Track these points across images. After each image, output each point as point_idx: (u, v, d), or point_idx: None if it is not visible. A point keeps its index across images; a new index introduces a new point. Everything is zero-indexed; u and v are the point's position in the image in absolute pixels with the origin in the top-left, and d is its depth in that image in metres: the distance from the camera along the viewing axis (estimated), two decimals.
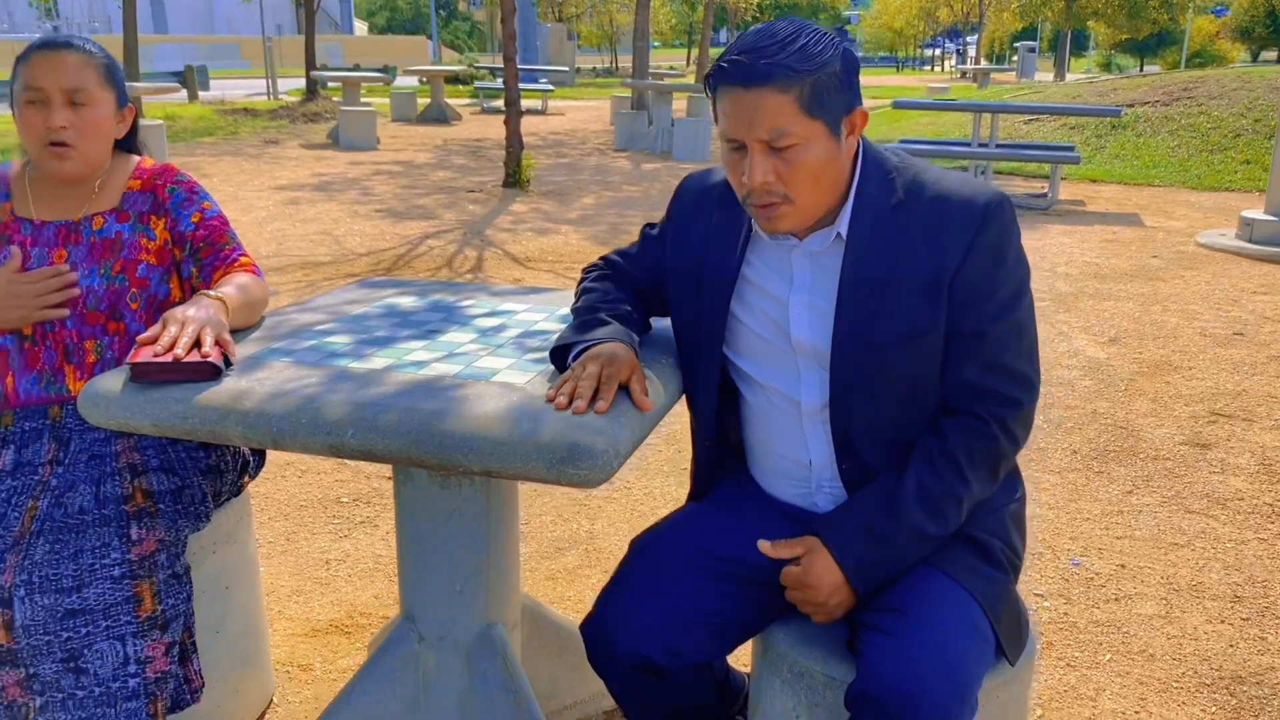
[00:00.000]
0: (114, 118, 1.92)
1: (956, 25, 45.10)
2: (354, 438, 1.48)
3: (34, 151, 1.85)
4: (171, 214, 1.95)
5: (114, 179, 1.96)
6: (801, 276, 1.56)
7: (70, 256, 1.88)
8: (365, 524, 3.05)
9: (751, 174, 1.42)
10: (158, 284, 1.93)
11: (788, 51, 1.37)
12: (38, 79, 1.82)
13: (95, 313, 1.87)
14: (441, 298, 2.15)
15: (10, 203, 1.92)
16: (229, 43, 53.41)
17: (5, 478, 1.81)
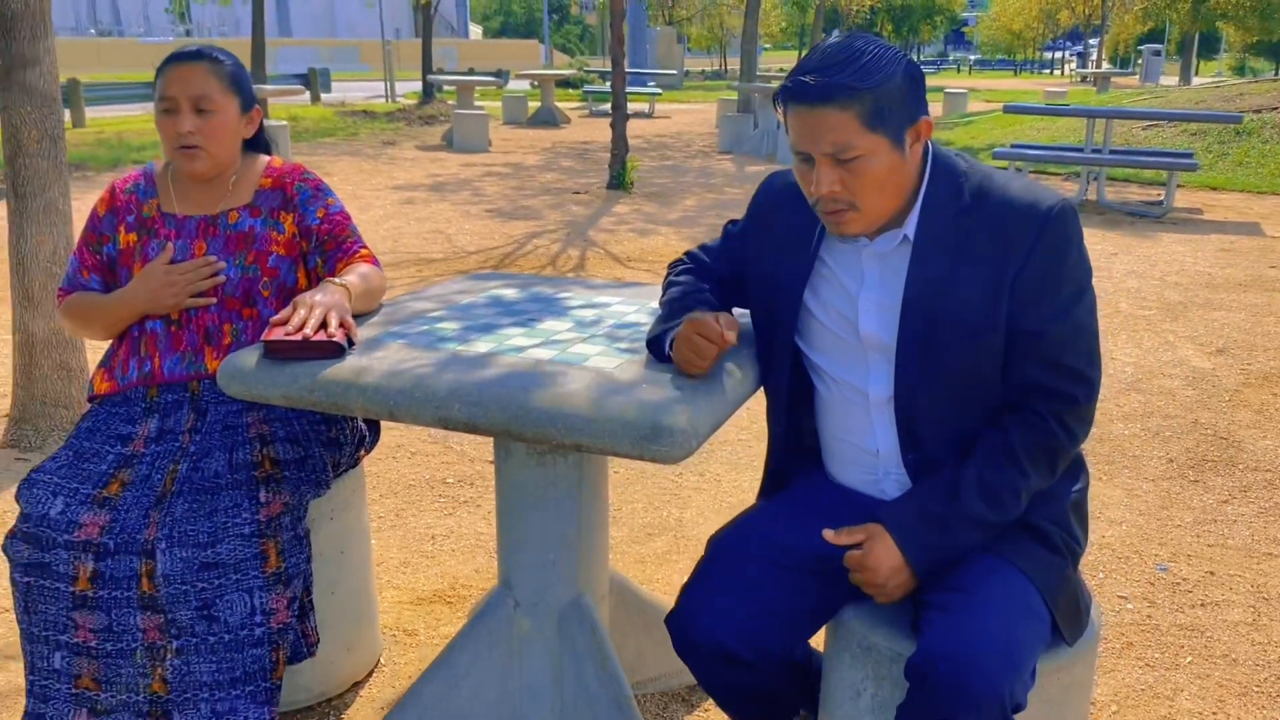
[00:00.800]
0: (239, 121, 2.11)
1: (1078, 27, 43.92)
2: (460, 411, 1.63)
3: (169, 153, 2.06)
4: (299, 210, 2.14)
5: (247, 177, 2.16)
6: (871, 275, 1.65)
7: (209, 248, 2.09)
8: (468, 503, 3.23)
9: (818, 184, 1.52)
10: (287, 273, 2.12)
11: (848, 71, 1.46)
12: (169, 89, 2.03)
13: (232, 299, 2.07)
14: (541, 290, 2.30)
15: (156, 198, 2.14)
16: (349, 46, 55.12)
17: (150, 443, 2.02)
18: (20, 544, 1.88)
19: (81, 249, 2.15)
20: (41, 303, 3.42)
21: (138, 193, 2.15)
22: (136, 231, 2.11)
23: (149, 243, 2.10)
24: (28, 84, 3.30)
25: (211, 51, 2.08)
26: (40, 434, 3.49)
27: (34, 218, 3.37)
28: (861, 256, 1.66)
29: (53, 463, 1.97)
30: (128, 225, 2.12)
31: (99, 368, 2.16)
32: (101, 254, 2.14)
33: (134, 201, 2.14)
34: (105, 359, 2.16)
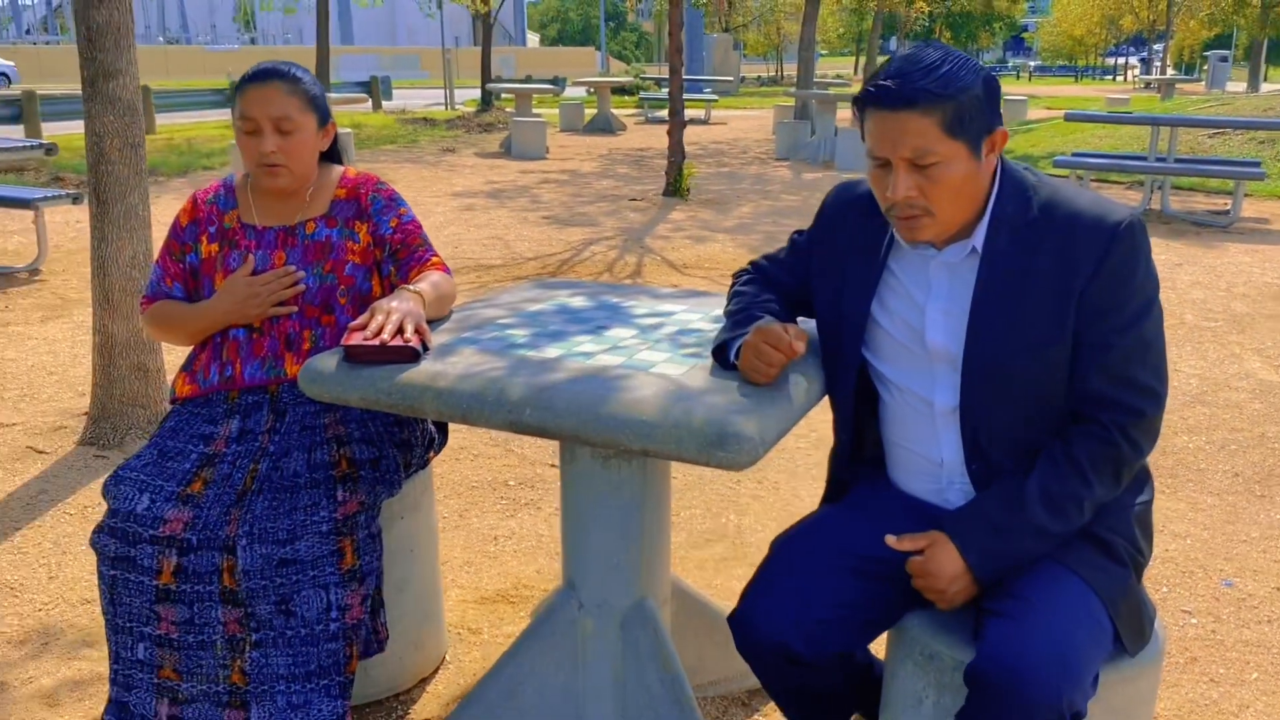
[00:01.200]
0: (317, 136, 2.19)
1: (1142, 33, 43.11)
2: (531, 416, 1.67)
3: (251, 169, 2.14)
4: (373, 219, 2.21)
5: (323, 188, 2.23)
6: (939, 285, 1.67)
7: (288, 258, 2.16)
8: (529, 505, 3.28)
9: (895, 189, 1.55)
10: (362, 281, 2.19)
11: (931, 77, 1.49)
12: (250, 110, 2.09)
13: (311, 307, 2.15)
14: (607, 298, 2.35)
15: (236, 210, 2.22)
16: (410, 54, 55.82)
17: (231, 443, 2.10)
18: (107, 538, 1.96)
19: (164, 258, 2.24)
20: (121, 305, 3.54)
21: (218, 204, 2.23)
22: (218, 242, 2.19)
23: (230, 253, 2.18)
24: (111, 94, 3.42)
25: (289, 70, 2.15)
26: (118, 432, 3.61)
27: (115, 223, 3.49)
28: (929, 267, 1.68)
29: (138, 460, 2.05)
30: (209, 235, 2.20)
31: (181, 371, 2.25)
32: (184, 263, 2.22)
33: (215, 212, 2.22)
34: (187, 363, 2.24)
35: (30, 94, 13.97)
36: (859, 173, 11.97)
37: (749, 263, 2.00)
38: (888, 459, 1.83)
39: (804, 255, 1.88)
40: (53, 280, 6.36)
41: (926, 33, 32.05)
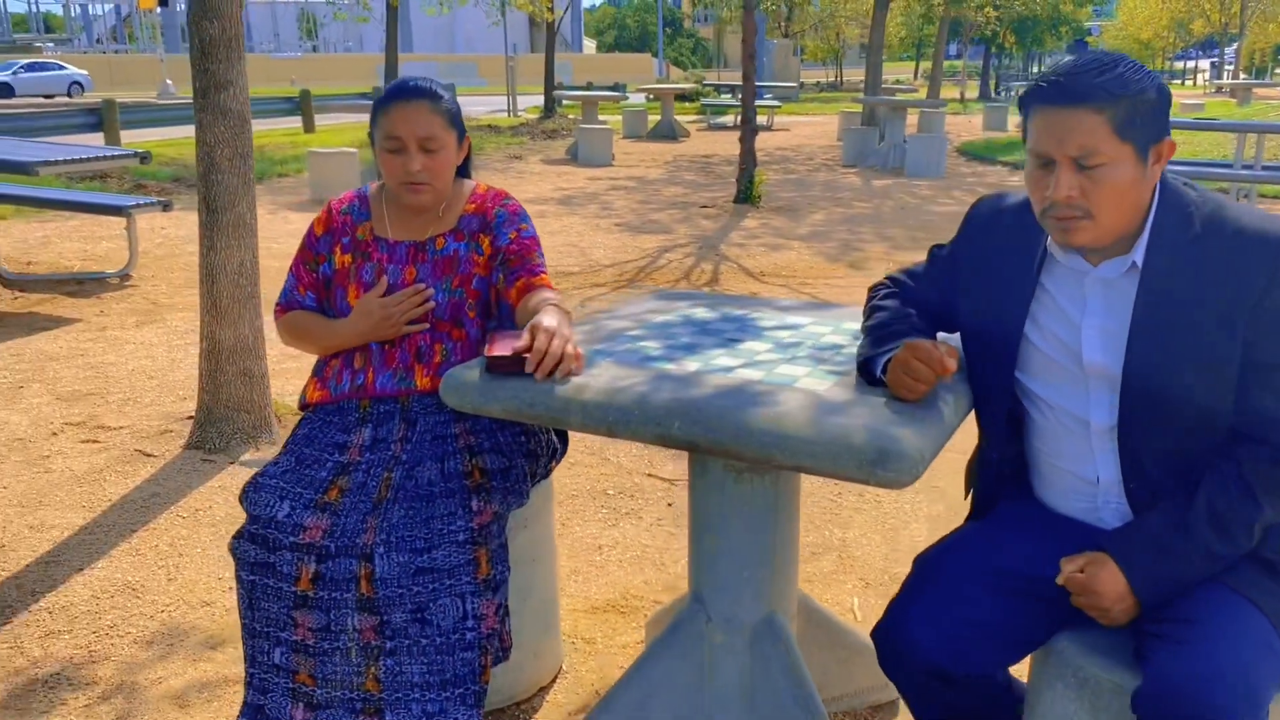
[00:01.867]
0: (456, 152, 2.20)
1: (1214, 37, 42.15)
2: (679, 430, 1.67)
3: (394, 186, 2.16)
4: (494, 232, 2.22)
5: (454, 203, 2.25)
6: (1094, 302, 1.63)
7: (419, 273, 2.18)
8: (630, 515, 3.28)
9: (1057, 188, 1.52)
10: (486, 292, 2.21)
11: (1106, 76, 1.47)
12: (396, 129, 2.11)
13: (442, 321, 2.17)
14: (729, 310, 2.34)
15: (370, 222, 2.25)
16: (468, 61, 56.33)
17: (365, 451, 2.12)
18: (247, 545, 1.99)
19: (298, 266, 2.27)
20: (228, 312, 3.61)
21: (352, 214, 2.26)
22: (351, 253, 2.22)
23: (363, 266, 2.20)
24: (222, 105, 3.49)
25: (431, 87, 2.17)
26: (223, 436, 3.68)
27: (224, 231, 3.56)
28: (1084, 283, 1.65)
29: (276, 468, 2.08)
30: (343, 246, 2.23)
31: (312, 377, 2.28)
32: (317, 273, 2.25)
33: (349, 223, 2.25)
34: (318, 369, 2.27)
35: (110, 102, 14.34)
36: (929, 180, 11.90)
37: (886, 277, 1.97)
38: (1036, 476, 1.80)
39: (947, 269, 1.86)
40: (143, 285, 6.51)
41: (992, 37, 31.69)
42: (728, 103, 22.69)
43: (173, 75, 38.42)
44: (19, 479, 3.51)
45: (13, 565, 2.92)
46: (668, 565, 2.96)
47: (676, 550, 3.05)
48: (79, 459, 3.68)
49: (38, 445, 3.81)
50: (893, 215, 9.42)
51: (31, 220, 8.88)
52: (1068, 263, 1.67)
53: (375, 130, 2.16)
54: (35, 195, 6.88)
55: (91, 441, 3.84)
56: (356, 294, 2.19)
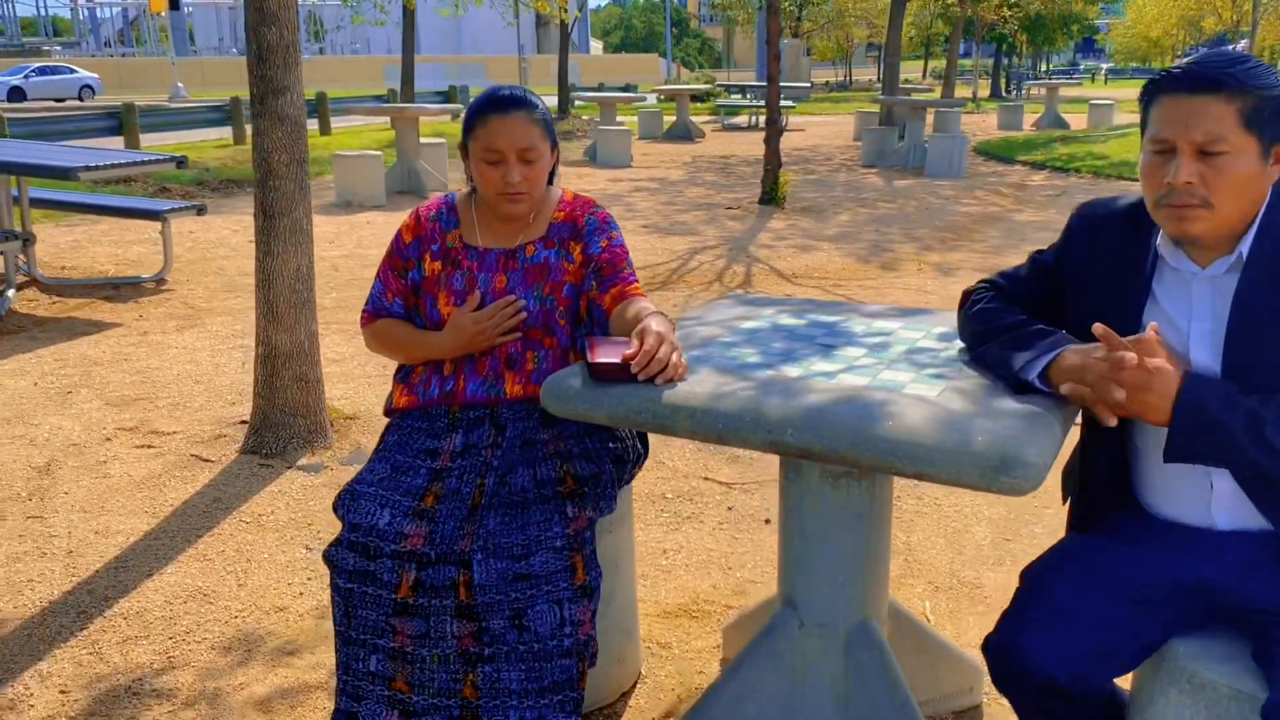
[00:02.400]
0: (549, 161, 2.20)
1: (1225, 34, 42.04)
2: (793, 437, 1.67)
3: (490, 198, 2.16)
4: (585, 239, 2.22)
5: (543, 210, 2.26)
6: (1201, 304, 1.63)
7: (509, 281, 2.19)
8: (692, 519, 3.28)
9: (1177, 173, 1.52)
10: (575, 300, 2.21)
11: (1239, 67, 1.48)
12: (496, 142, 2.10)
13: (533, 330, 2.17)
14: (815, 315, 2.34)
15: (459, 229, 2.25)
16: (475, 62, 56.38)
17: (456, 458, 2.12)
18: (346, 553, 2.00)
19: (386, 273, 2.28)
20: (284, 318, 3.62)
21: (440, 221, 2.27)
22: (441, 261, 2.23)
23: (453, 273, 2.21)
24: (279, 111, 3.50)
25: (525, 96, 2.17)
26: (279, 441, 3.69)
27: (281, 237, 3.57)
28: (1192, 286, 1.64)
29: (371, 475, 2.09)
30: (432, 254, 2.24)
31: (397, 382, 2.28)
32: (406, 279, 2.26)
33: (437, 230, 2.26)
34: (404, 375, 2.28)
35: (130, 106, 14.39)
36: (951, 180, 11.86)
37: (981, 281, 1.97)
38: (1142, 483, 1.80)
39: (1050, 276, 1.86)
40: (179, 290, 6.53)
41: (1003, 36, 31.63)
42: (742, 103, 22.69)
43: (184, 78, 38.50)
44: (79, 484, 3.52)
45: (83, 570, 2.93)
46: (734, 569, 2.96)
47: (741, 554, 3.05)
48: (136, 464, 3.69)
49: (93, 450, 3.82)
50: (918, 216, 9.41)
51: (60, 224, 8.91)
52: (1176, 264, 1.66)
53: (470, 141, 2.16)
54: (74, 200, 6.92)
55: (146, 447, 3.85)
56: (447, 302, 2.19)
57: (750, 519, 3.28)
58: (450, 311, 2.19)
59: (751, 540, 3.13)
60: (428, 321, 2.22)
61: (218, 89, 43.59)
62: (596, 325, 2.22)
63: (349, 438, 3.90)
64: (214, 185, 11.18)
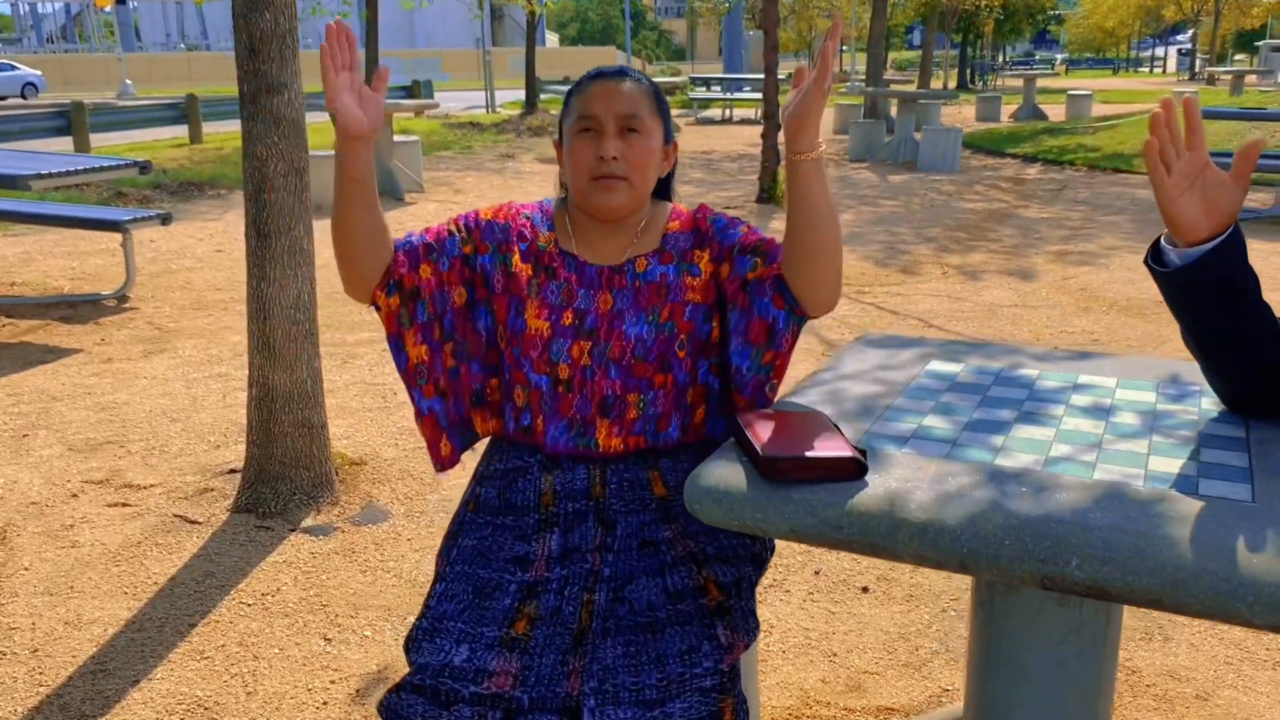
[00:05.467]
0: (661, 151, 1.72)
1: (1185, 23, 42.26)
2: (1079, 570, 1.20)
3: (581, 185, 1.66)
4: (716, 238, 1.72)
5: (654, 222, 1.76)
6: None
7: (615, 303, 1.68)
8: (775, 588, 2.81)
9: None
10: (702, 324, 1.71)
11: None
12: (592, 107, 1.63)
13: (643, 364, 1.66)
14: (979, 363, 1.87)
15: (554, 233, 1.75)
16: (430, 56, 55.56)
17: (554, 565, 1.63)
18: (412, 699, 1.49)
19: (438, 229, 1.75)
20: (283, 353, 3.09)
21: (533, 221, 1.76)
22: (532, 262, 1.72)
23: (547, 283, 1.69)
24: (275, 111, 2.97)
25: (633, 70, 1.70)
26: (280, 497, 3.16)
27: (278, 259, 3.04)
28: None
29: (452, 605, 1.58)
30: (522, 252, 1.73)
31: (476, 408, 1.78)
32: (460, 254, 1.70)
33: (529, 227, 1.75)
34: (479, 396, 1.77)
35: (79, 104, 13.63)
36: (946, 175, 11.48)
37: None
38: None
39: None
40: (143, 308, 5.93)
41: (970, 27, 31.45)
42: (717, 96, 22.20)
43: (131, 75, 37.39)
44: (43, 558, 2.96)
45: (52, 677, 2.39)
46: (840, 655, 2.48)
47: (844, 635, 2.57)
48: (109, 529, 3.14)
49: (57, 511, 3.26)
50: (924, 214, 8.99)
51: (7, 234, 8.23)
52: None
53: (565, 120, 1.68)
54: (21, 210, 6.26)
55: (121, 505, 3.30)
56: (539, 314, 1.67)
57: (843, 585, 2.80)
58: (541, 326, 1.67)
59: (852, 615, 2.66)
60: (509, 335, 1.70)
61: (166, 86, 42.46)
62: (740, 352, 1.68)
63: (358, 489, 3.38)
64: (172, 188, 10.51)
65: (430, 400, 1.74)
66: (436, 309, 1.71)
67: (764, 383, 1.71)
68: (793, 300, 1.63)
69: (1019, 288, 6.19)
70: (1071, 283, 6.30)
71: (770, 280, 1.64)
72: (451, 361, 1.74)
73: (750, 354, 1.68)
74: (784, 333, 1.66)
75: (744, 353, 1.68)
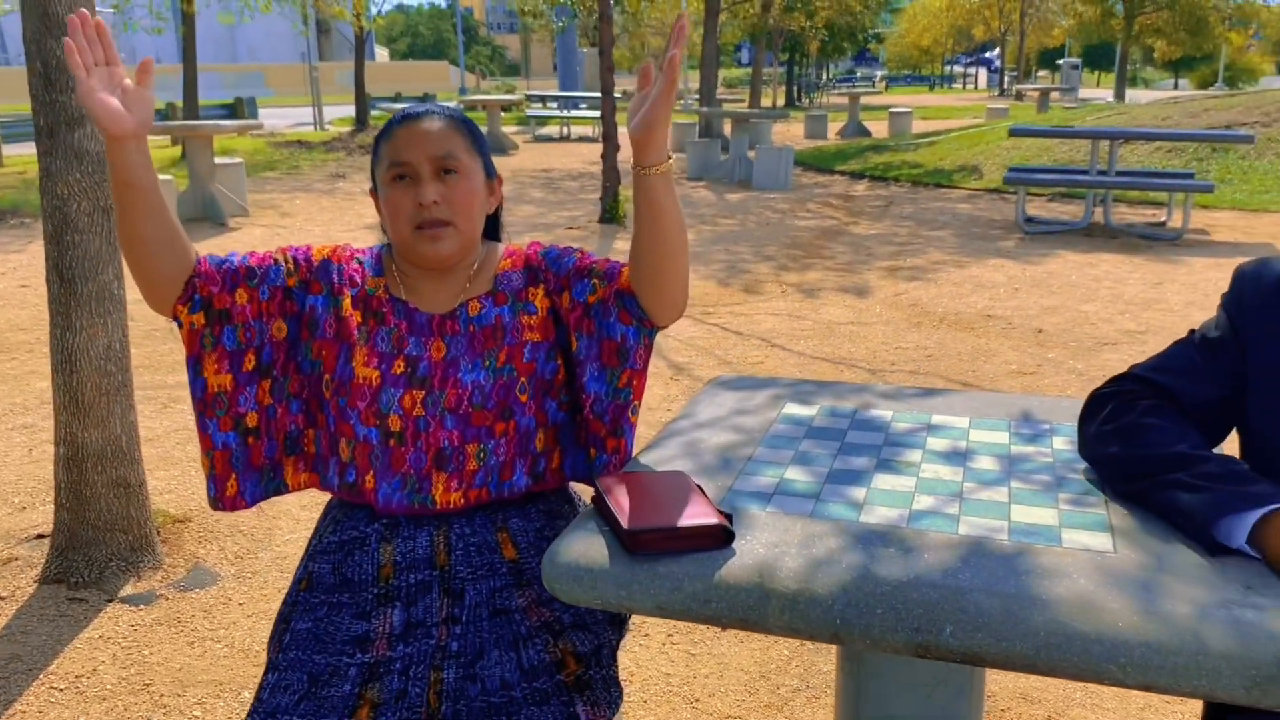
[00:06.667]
0: (485, 190, 1.62)
1: (993, 42, 44.77)
2: (954, 638, 1.17)
3: (404, 237, 1.55)
4: (550, 269, 1.63)
5: (486, 264, 1.65)
6: None
7: (449, 350, 1.57)
8: (634, 632, 2.73)
9: None
10: (544, 364, 1.61)
11: None
12: (403, 152, 1.53)
13: (481, 412, 1.55)
14: (832, 403, 1.85)
15: (384, 279, 1.63)
16: (254, 71, 53.68)
17: (396, 643, 1.51)
18: None
19: (263, 255, 1.61)
20: (94, 408, 2.83)
21: (364, 265, 1.64)
22: (361, 308, 1.59)
23: (377, 329, 1.57)
24: (77, 146, 2.72)
25: (442, 108, 1.59)
26: (94, 565, 2.90)
27: (85, 306, 2.79)
28: None
29: (287, 698, 1.44)
30: (353, 297, 1.60)
31: (289, 457, 1.63)
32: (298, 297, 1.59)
33: (360, 272, 1.62)
34: (291, 443, 1.63)
35: None
36: (779, 193, 11.71)
37: (1125, 377, 1.51)
38: None
39: (1229, 363, 1.43)
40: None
41: (793, 47, 32.45)
42: (554, 113, 22.15)
43: None
44: None
45: None
46: (702, 700, 2.43)
47: (704, 678, 2.52)
48: None
49: None
50: (761, 232, 9.15)
51: None
52: None
53: (377, 168, 1.57)
54: None
55: None
56: (368, 362, 1.55)
57: (702, 626, 2.75)
58: (370, 374, 1.55)
59: (712, 655, 2.61)
60: (336, 383, 1.56)
61: None
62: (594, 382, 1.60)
63: (183, 550, 3.13)
64: None
65: (227, 434, 1.58)
66: (251, 339, 1.57)
67: (624, 407, 1.62)
68: (640, 312, 1.56)
69: (854, 305, 6.34)
70: (903, 298, 6.50)
71: (613, 298, 1.57)
72: (269, 400, 1.60)
73: (606, 377, 1.60)
74: (636, 347, 1.59)
75: (600, 378, 1.60)
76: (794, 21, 19.75)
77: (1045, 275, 7.12)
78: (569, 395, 1.66)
